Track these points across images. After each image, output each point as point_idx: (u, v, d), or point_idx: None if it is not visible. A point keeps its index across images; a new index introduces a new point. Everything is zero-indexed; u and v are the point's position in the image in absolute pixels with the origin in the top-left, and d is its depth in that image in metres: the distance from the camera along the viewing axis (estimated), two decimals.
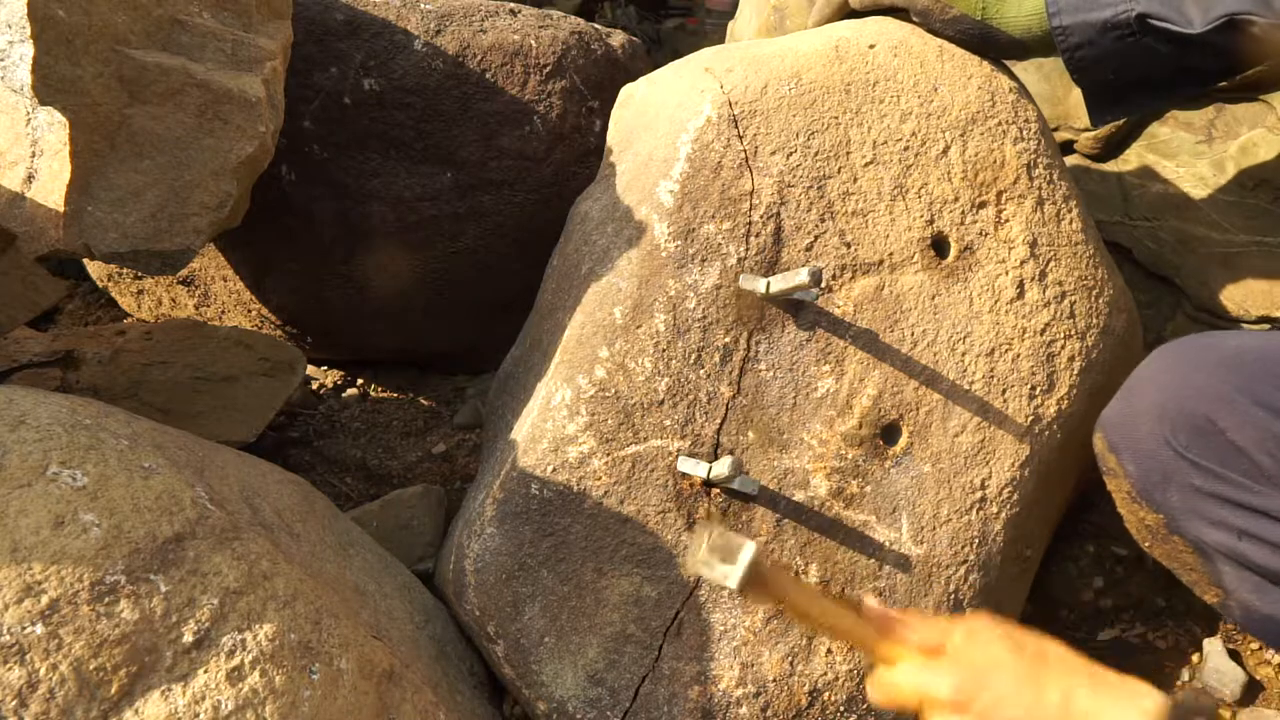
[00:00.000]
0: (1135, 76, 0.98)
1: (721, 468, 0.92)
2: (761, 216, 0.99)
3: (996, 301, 1.04)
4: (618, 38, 1.46)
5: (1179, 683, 1.18)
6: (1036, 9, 0.99)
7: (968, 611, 0.77)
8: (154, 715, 0.67)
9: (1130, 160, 1.45)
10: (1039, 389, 1.04)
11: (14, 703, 0.62)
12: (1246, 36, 0.90)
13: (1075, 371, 1.06)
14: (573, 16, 1.45)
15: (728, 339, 0.98)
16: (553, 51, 1.34)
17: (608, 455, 0.96)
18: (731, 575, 0.70)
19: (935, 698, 0.72)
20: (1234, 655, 1.16)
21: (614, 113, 1.17)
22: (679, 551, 0.97)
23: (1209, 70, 0.98)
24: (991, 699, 0.70)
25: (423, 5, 1.32)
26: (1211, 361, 0.85)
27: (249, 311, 1.48)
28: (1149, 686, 0.69)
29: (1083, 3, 0.95)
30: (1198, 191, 1.37)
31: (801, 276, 0.91)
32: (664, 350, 0.97)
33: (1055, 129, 1.48)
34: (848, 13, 1.14)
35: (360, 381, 1.56)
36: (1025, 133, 1.08)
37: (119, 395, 1.20)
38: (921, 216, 1.03)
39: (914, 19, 1.09)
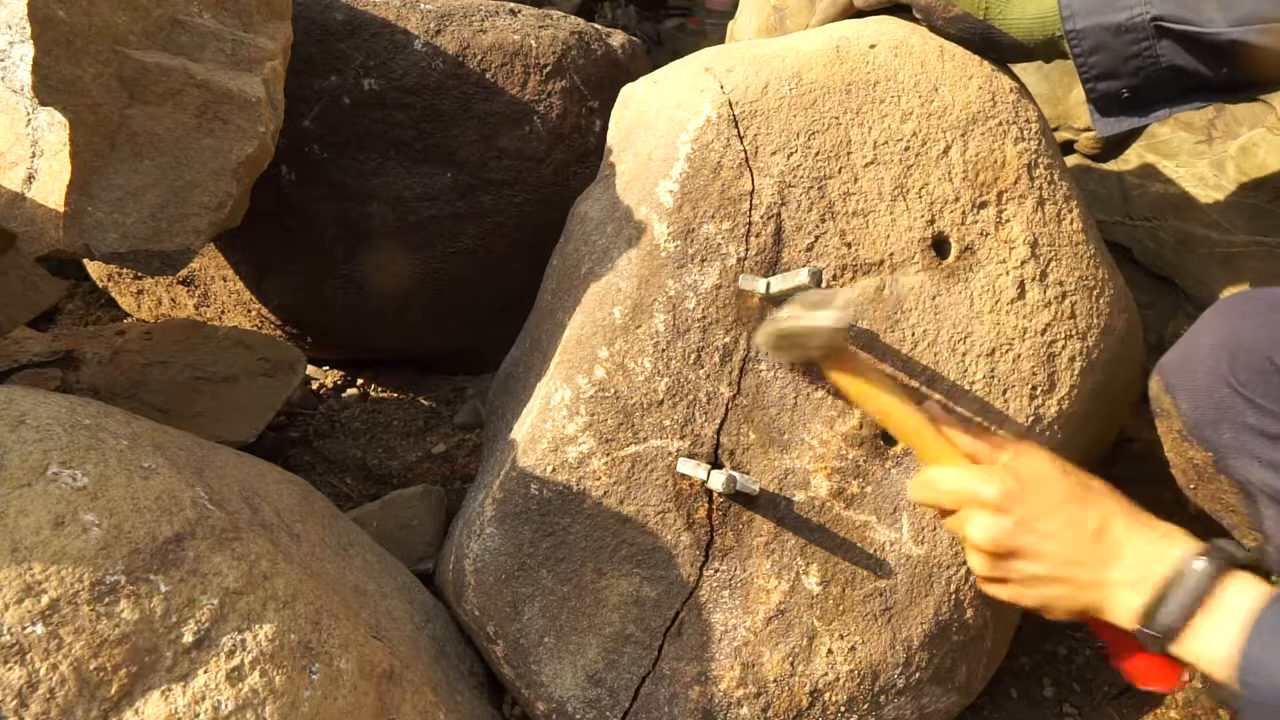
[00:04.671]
0: (1147, 85, 0.96)
1: (717, 482, 0.92)
2: (762, 216, 0.99)
3: (997, 302, 1.04)
4: (618, 38, 1.46)
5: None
6: (1041, 12, 0.99)
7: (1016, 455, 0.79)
8: (154, 715, 0.67)
9: (1130, 160, 1.45)
10: (1040, 389, 1.04)
11: (14, 703, 0.62)
12: (1272, 42, 0.88)
13: (1076, 372, 1.06)
14: (573, 16, 1.45)
15: (727, 339, 0.98)
16: (553, 51, 1.34)
17: (607, 455, 0.96)
18: (828, 317, 0.75)
19: (979, 497, 0.75)
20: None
21: (614, 113, 1.17)
22: (679, 551, 0.97)
23: (1222, 83, 0.96)
24: (1033, 508, 0.73)
25: (423, 5, 1.32)
26: (1274, 305, 0.87)
27: (249, 311, 1.48)
28: (1184, 532, 0.71)
29: (1097, 6, 0.94)
30: (1198, 191, 1.37)
31: (801, 277, 0.91)
32: (664, 350, 0.97)
33: (1055, 129, 1.48)
34: (852, 13, 1.14)
35: (360, 381, 1.55)
36: (1026, 133, 1.08)
37: (119, 395, 1.20)
38: (922, 217, 1.03)
39: (916, 16, 1.09)
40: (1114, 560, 0.72)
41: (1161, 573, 0.70)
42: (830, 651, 0.98)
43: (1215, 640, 0.67)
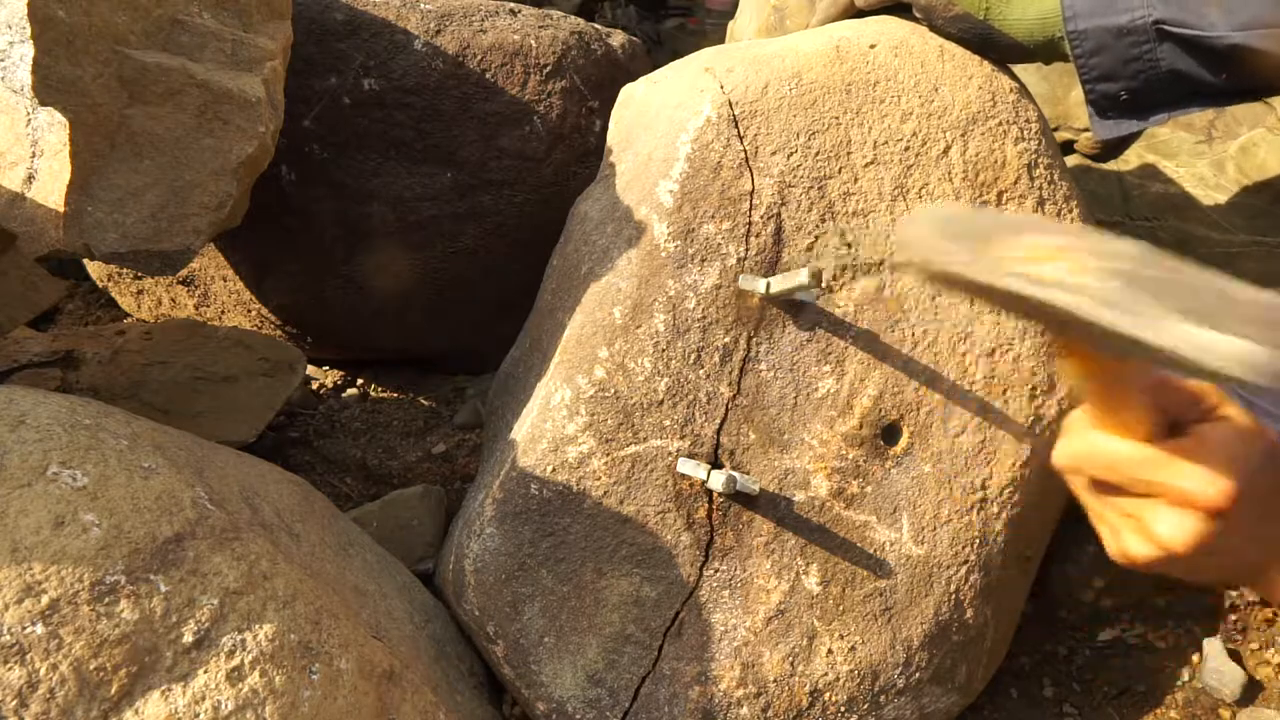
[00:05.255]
0: (1146, 88, 0.96)
1: (717, 482, 0.92)
2: (762, 216, 0.99)
3: None
4: (618, 38, 1.46)
5: (1179, 683, 1.18)
6: (1042, 13, 0.99)
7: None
8: (154, 715, 0.67)
9: (1130, 160, 1.45)
10: (1040, 389, 1.04)
11: (14, 703, 0.62)
12: (1273, 47, 0.88)
13: None
14: (573, 16, 1.45)
15: (727, 339, 0.98)
16: (553, 51, 1.34)
17: (607, 455, 0.96)
18: (1246, 367, 0.42)
19: (1191, 496, 0.56)
20: (1234, 655, 1.16)
21: (614, 113, 1.16)
22: (679, 551, 0.97)
23: (1222, 88, 0.95)
24: (1249, 509, 0.57)
25: (423, 5, 1.32)
26: None
27: (249, 311, 1.48)
28: None
29: (1099, 7, 0.94)
30: (1198, 191, 1.37)
31: (801, 277, 0.91)
32: (664, 350, 0.97)
33: (1055, 129, 1.48)
34: (853, 12, 1.14)
35: (360, 381, 1.55)
36: (1026, 133, 1.08)
37: (119, 395, 1.20)
38: None
39: (917, 15, 1.09)
40: None
41: None
42: (830, 651, 0.98)
43: None
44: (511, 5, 1.40)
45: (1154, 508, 0.59)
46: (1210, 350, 0.43)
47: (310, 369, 1.57)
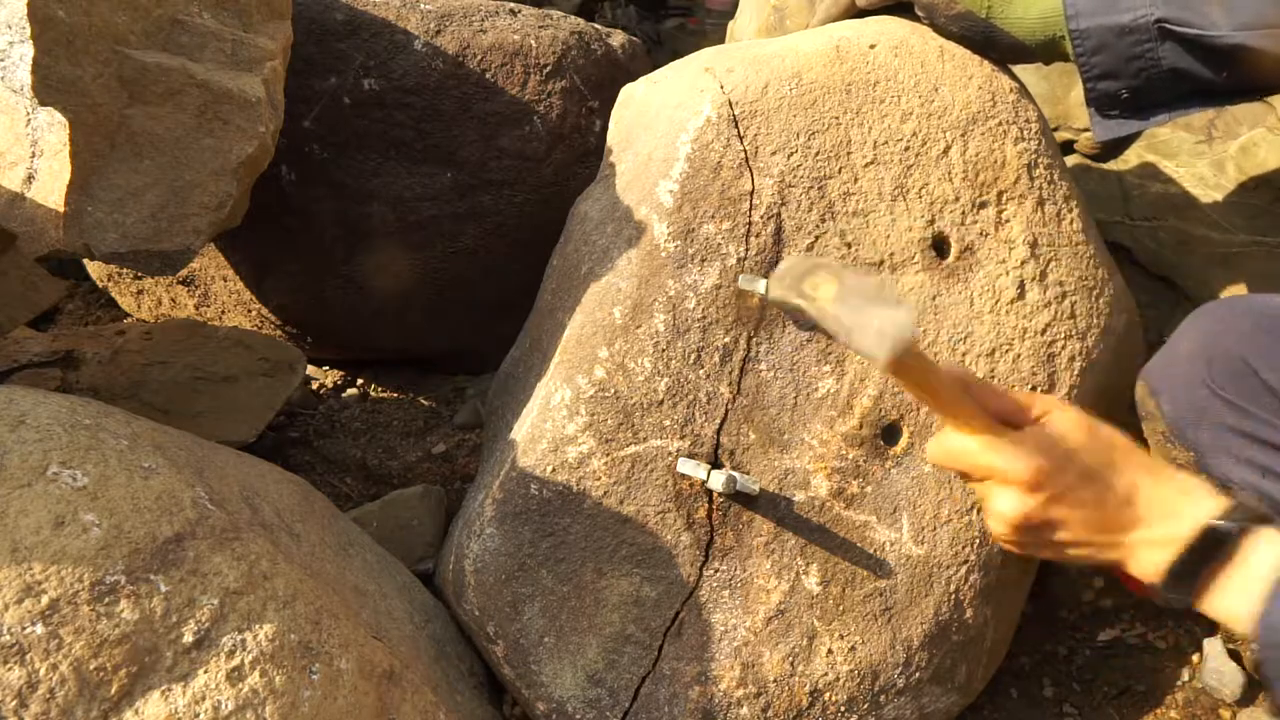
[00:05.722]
0: (1147, 87, 0.96)
1: (717, 482, 0.92)
2: (762, 216, 0.99)
3: (997, 302, 1.04)
4: (618, 38, 1.46)
5: (1179, 683, 1.18)
6: (1044, 13, 0.98)
7: (1039, 398, 0.77)
8: (154, 715, 0.67)
9: (1130, 160, 1.45)
10: (1040, 389, 1.04)
11: (14, 703, 0.62)
12: (1275, 47, 0.89)
13: (1076, 372, 1.06)
14: (573, 16, 1.45)
15: (727, 339, 0.98)
16: (553, 51, 1.34)
17: (607, 455, 0.96)
18: (883, 344, 0.66)
19: (1008, 474, 0.72)
20: (1234, 655, 1.16)
21: (614, 112, 1.17)
22: (679, 551, 0.97)
23: (1222, 87, 0.95)
24: (1063, 482, 0.72)
25: (423, 5, 1.32)
26: (1250, 311, 0.89)
27: (249, 311, 1.48)
28: (1206, 489, 0.72)
29: (1101, 6, 0.94)
30: (1198, 191, 1.37)
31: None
32: (663, 350, 0.97)
33: (1055, 129, 1.48)
34: (855, 12, 1.14)
35: (360, 381, 1.55)
36: (1026, 133, 1.08)
37: (119, 395, 1.20)
38: (922, 217, 1.03)
39: (919, 14, 1.09)
40: (1141, 522, 0.72)
41: (1184, 532, 0.70)
42: (830, 651, 0.98)
43: (1238, 598, 0.68)
44: (511, 5, 1.40)
45: (991, 488, 0.74)
46: (856, 339, 0.68)
47: (310, 369, 1.57)
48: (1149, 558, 0.72)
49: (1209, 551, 0.69)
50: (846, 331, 0.69)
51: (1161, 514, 0.71)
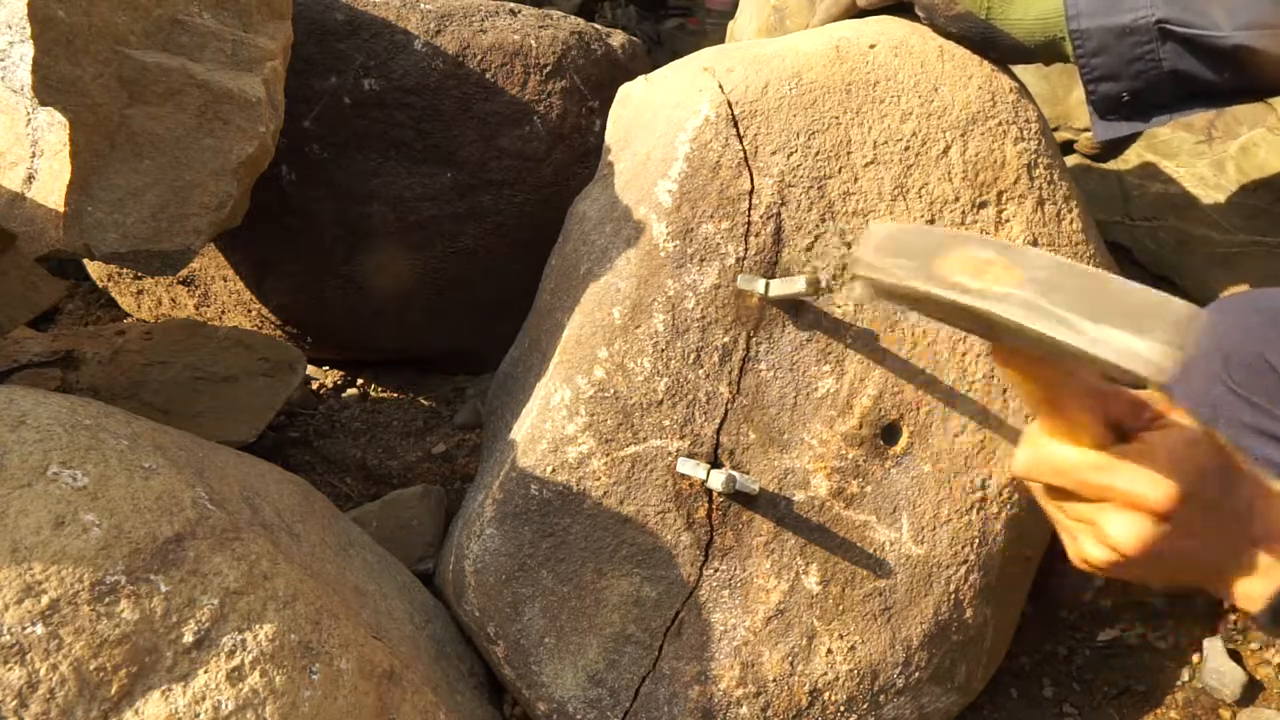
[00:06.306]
0: (1148, 89, 0.96)
1: (717, 482, 0.92)
2: (761, 216, 0.99)
3: None
4: (618, 38, 1.46)
5: (1179, 683, 1.18)
6: (1044, 14, 0.98)
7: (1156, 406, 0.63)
8: (154, 715, 0.67)
9: (1130, 160, 1.45)
10: None
11: (14, 703, 0.62)
12: (1276, 48, 0.88)
13: None
14: (573, 16, 1.45)
15: (727, 339, 0.98)
16: (553, 51, 1.34)
17: (607, 455, 0.96)
18: (1153, 363, 0.46)
19: (1140, 499, 0.58)
20: (1234, 655, 1.16)
21: (612, 111, 1.16)
22: (679, 551, 0.97)
23: (1223, 88, 0.95)
24: (1197, 512, 0.59)
25: (423, 5, 1.32)
26: (1267, 306, 0.88)
27: (249, 311, 1.48)
28: None
29: (1102, 7, 0.93)
30: (1198, 191, 1.37)
31: (799, 285, 0.91)
32: (663, 350, 0.97)
33: (1055, 129, 1.48)
34: (855, 12, 1.14)
35: (360, 381, 1.56)
36: (1026, 133, 1.08)
37: (119, 395, 1.20)
38: (922, 216, 1.03)
39: (919, 14, 1.09)
40: (1251, 552, 0.63)
41: None
42: (830, 651, 0.98)
43: None
44: (511, 5, 1.40)
45: (1105, 511, 0.60)
46: (1110, 347, 0.47)
47: (310, 369, 1.57)
48: (1256, 587, 0.63)
49: None
50: (1082, 340, 0.48)
51: (1270, 539, 0.62)
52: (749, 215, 0.99)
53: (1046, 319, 0.49)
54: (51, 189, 0.89)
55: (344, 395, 1.53)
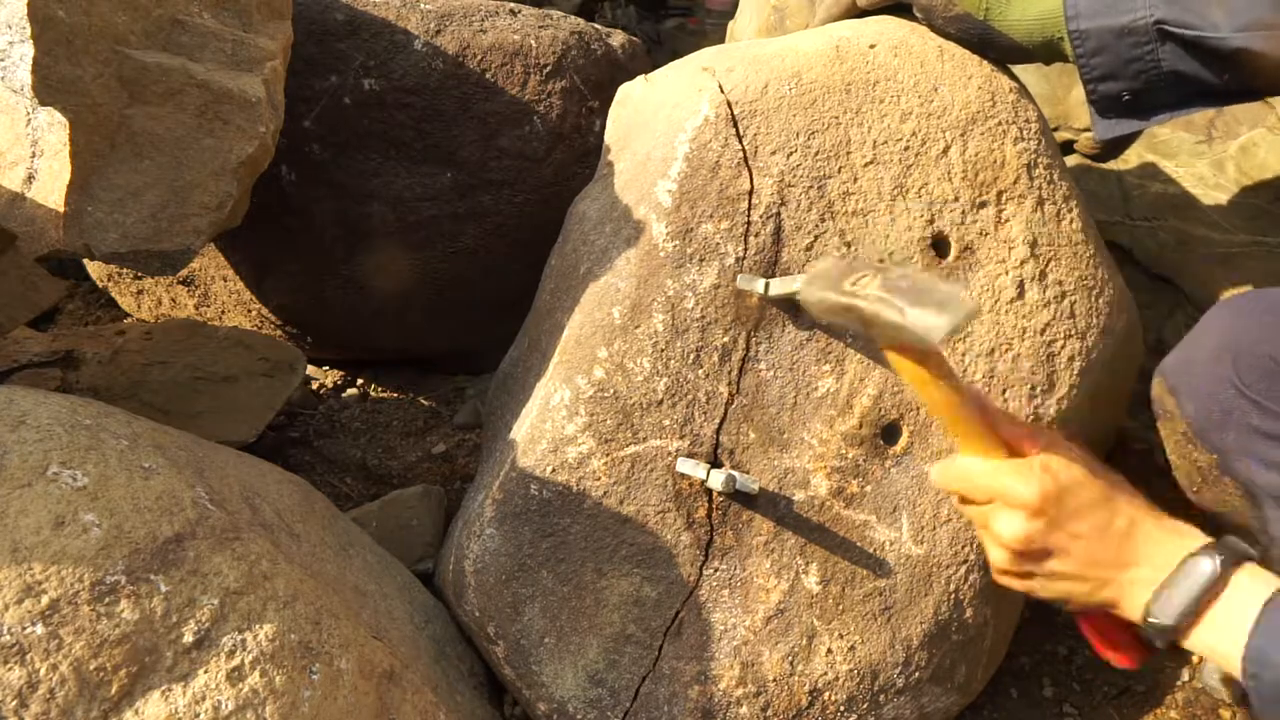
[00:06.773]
0: (1148, 89, 0.95)
1: (716, 482, 0.92)
2: (761, 216, 0.99)
3: (996, 301, 1.04)
4: (618, 38, 1.46)
5: (1179, 683, 1.18)
6: (1043, 14, 0.98)
7: (1047, 428, 0.80)
8: (154, 715, 0.67)
9: (1130, 160, 1.45)
10: (1039, 388, 1.04)
11: (14, 703, 0.62)
12: (1275, 48, 0.88)
13: (1075, 371, 1.06)
14: (573, 16, 1.46)
15: (726, 339, 0.98)
16: (553, 51, 1.34)
17: (607, 455, 0.96)
18: (940, 326, 0.68)
19: (1015, 497, 0.73)
20: None
21: (611, 111, 1.16)
22: (679, 551, 0.97)
23: (1223, 89, 0.95)
24: (1065, 510, 0.73)
25: (423, 5, 1.32)
26: (1276, 306, 0.87)
27: (249, 311, 1.48)
28: (1198, 531, 0.73)
29: (1101, 7, 0.93)
30: (1198, 191, 1.37)
31: (798, 284, 0.91)
32: (663, 350, 0.97)
33: (1055, 129, 1.48)
34: (855, 12, 1.14)
35: (360, 381, 1.56)
36: (1025, 133, 1.08)
37: (119, 395, 1.20)
38: (922, 216, 1.03)
39: (917, 15, 1.09)
40: (1137, 561, 0.73)
41: (1171, 569, 0.71)
42: (830, 651, 0.98)
43: (1223, 634, 0.68)
44: (511, 5, 1.40)
45: (994, 510, 0.75)
46: (918, 323, 0.69)
47: (310, 369, 1.57)
48: (1138, 596, 0.72)
49: (1193, 588, 0.69)
50: (900, 316, 0.69)
51: (1156, 553, 0.72)
52: (749, 215, 0.99)
53: (888, 308, 0.71)
54: (51, 189, 0.89)
55: (344, 395, 1.53)
